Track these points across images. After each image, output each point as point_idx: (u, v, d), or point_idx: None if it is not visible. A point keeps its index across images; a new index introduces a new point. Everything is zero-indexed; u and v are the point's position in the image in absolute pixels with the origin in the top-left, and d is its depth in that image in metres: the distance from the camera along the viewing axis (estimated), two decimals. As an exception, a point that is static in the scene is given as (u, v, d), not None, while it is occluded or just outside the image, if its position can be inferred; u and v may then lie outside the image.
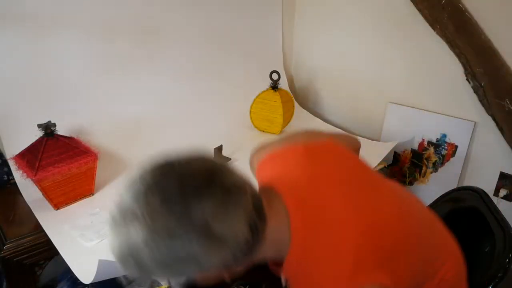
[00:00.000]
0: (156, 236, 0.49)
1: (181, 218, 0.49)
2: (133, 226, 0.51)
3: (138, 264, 0.52)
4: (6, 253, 1.08)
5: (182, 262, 0.51)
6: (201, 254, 0.50)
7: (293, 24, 2.11)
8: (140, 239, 0.50)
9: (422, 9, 1.47)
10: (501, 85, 1.35)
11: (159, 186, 0.52)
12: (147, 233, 0.49)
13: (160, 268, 0.51)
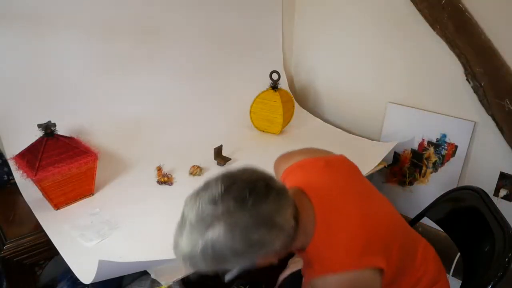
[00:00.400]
0: (234, 230, 0.63)
1: (252, 214, 0.64)
2: (212, 226, 0.63)
3: (216, 258, 0.65)
4: (6, 253, 1.08)
5: (254, 249, 0.65)
6: (268, 240, 0.66)
7: (293, 24, 2.11)
8: (221, 235, 0.63)
9: (422, 9, 1.47)
10: (501, 85, 1.35)
11: (231, 191, 0.66)
12: (226, 229, 0.63)
13: (236, 256, 0.65)
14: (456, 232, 1.15)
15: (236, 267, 0.71)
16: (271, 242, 0.66)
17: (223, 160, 1.52)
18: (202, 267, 0.68)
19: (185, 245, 0.67)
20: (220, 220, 0.64)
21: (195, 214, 0.66)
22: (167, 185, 1.37)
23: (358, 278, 0.73)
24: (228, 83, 1.92)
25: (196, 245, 0.65)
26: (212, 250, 0.64)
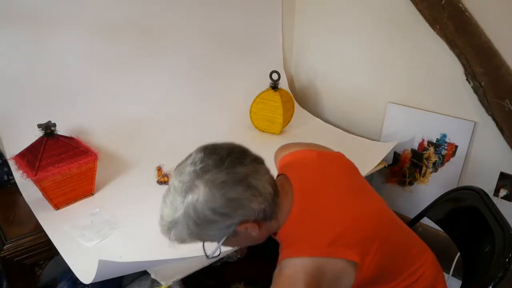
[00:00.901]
0: (212, 187, 0.68)
1: (229, 171, 0.69)
2: (193, 186, 0.69)
3: (198, 220, 0.69)
4: (6, 253, 1.07)
5: (232, 206, 0.69)
6: (246, 200, 0.70)
7: (293, 24, 2.11)
8: (200, 194, 0.68)
9: (422, 9, 1.47)
10: (501, 85, 1.35)
11: (210, 156, 0.72)
12: (205, 187, 0.68)
13: (216, 216, 0.68)
14: (456, 232, 1.15)
15: (218, 235, 0.73)
16: (248, 203, 0.70)
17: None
18: (185, 235, 0.72)
19: (168, 211, 0.72)
20: (199, 179, 0.69)
21: (178, 180, 0.72)
22: (167, 185, 1.37)
23: (325, 265, 0.73)
24: (228, 83, 1.92)
25: (179, 209, 0.70)
26: (194, 211, 0.68)
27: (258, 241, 0.82)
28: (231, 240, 0.76)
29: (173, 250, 1.03)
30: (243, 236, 0.76)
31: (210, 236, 0.74)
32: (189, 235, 0.73)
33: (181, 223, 0.71)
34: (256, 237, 0.78)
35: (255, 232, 0.75)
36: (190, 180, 0.70)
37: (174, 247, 0.76)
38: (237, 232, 0.73)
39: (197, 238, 0.75)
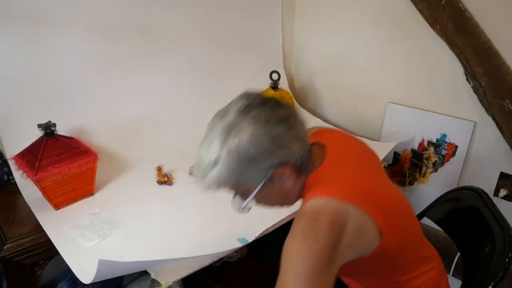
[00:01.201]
0: (257, 122, 0.69)
1: (273, 111, 0.71)
2: (238, 126, 0.70)
3: (241, 158, 0.69)
4: (6, 253, 1.07)
5: (275, 144, 0.70)
6: (288, 140, 0.71)
7: (293, 24, 2.11)
8: (245, 132, 0.69)
9: (422, 9, 1.47)
10: (501, 85, 1.35)
11: (254, 96, 0.74)
12: (250, 123, 0.69)
13: (258, 152, 0.69)
14: (456, 232, 1.15)
15: (256, 178, 0.73)
16: (290, 144, 0.72)
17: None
18: (224, 176, 0.71)
19: (207, 153, 0.71)
20: (243, 117, 0.70)
21: (220, 121, 0.72)
22: (167, 185, 1.37)
23: (351, 213, 0.69)
24: (228, 83, 1.92)
25: (221, 148, 0.69)
26: (237, 148, 0.69)
27: (289, 200, 0.81)
28: (265, 190, 0.74)
29: (173, 250, 1.03)
30: (277, 187, 0.75)
31: (248, 179, 0.73)
32: (228, 177, 0.71)
33: (222, 163, 0.70)
34: (288, 190, 0.77)
35: (289, 182, 0.75)
36: (234, 118, 0.70)
37: (207, 195, 0.76)
38: (274, 178, 0.73)
39: (235, 181, 0.73)
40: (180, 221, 1.17)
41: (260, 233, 1.08)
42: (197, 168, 0.75)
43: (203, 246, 1.04)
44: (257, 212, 1.20)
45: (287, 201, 0.82)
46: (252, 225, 1.11)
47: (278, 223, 1.15)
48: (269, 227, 1.12)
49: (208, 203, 1.27)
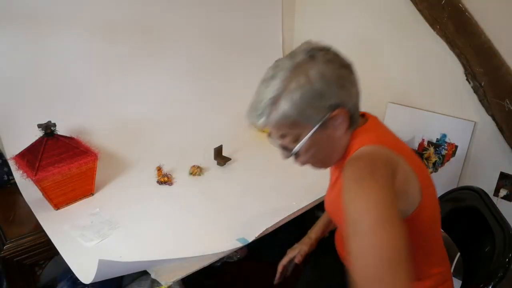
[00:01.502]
0: (324, 63, 0.74)
1: (336, 56, 0.78)
2: (306, 61, 0.74)
3: (305, 89, 0.73)
4: (6, 253, 1.07)
5: (338, 83, 0.74)
6: (349, 82, 0.76)
7: (293, 24, 2.11)
8: (312, 67, 0.73)
9: (422, 9, 1.47)
10: (501, 85, 1.35)
11: (319, 45, 0.78)
12: (317, 62, 0.74)
13: (324, 86, 0.73)
14: (456, 232, 1.15)
15: (315, 117, 0.75)
16: (350, 87, 0.76)
17: (223, 160, 1.52)
18: (287, 109, 0.74)
19: (270, 89, 0.75)
20: (310, 55, 0.74)
21: (287, 60, 0.75)
22: (167, 185, 1.37)
23: (400, 162, 0.71)
24: (228, 83, 1.92)
25: (290, 82, 0.73)
26: (303, 81, 0.72)
27: (333, 155, 0.82)
28: (318, 135, 0.76)
29: (173, 250, 1.03)
30: (329, 133, 0.77)
31: (308, 118, 0.75)
32: (290, 112, 0.74)
33: (286, 97, 0.73)
34: (337, 140, 0.79)
35: (340, 131, 0.77)
36: (302, 59, 0.74)
37: (262, 130, 0.78)
38: (328, 122, 0.76)
39: (294, 118, 0.75)
40: (180, 221, 1.17)
41: (260, 233, 1.08)
42: (255, 106, 0.78)
43: (203, 246, 1.04)
44: (257, 212, 1.20)
45: (331, 155, 0.82)
46: (252, 225, 1.11)
47: (278, 223, 1.15)
48: (269, 227, 1.12)
49: (208, 203, 1.27)
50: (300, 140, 0.77)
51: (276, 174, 1.47)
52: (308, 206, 1.25)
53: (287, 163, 1.58)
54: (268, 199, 1.28)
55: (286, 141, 0.80)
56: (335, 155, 0.82)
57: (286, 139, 0.80)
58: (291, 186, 1.37)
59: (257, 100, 0.78)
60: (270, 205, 1.25)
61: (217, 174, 1.47)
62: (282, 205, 1.24)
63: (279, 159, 1.62)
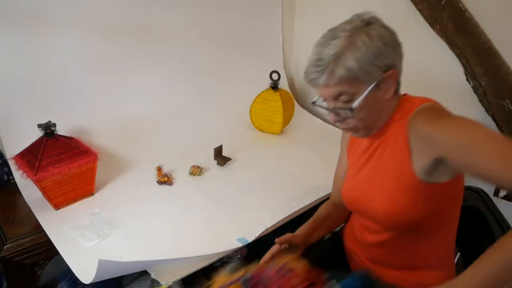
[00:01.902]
0: (381, 26, 0.84)
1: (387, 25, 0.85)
2: (364, 24, 0.83)
3: (367, 46, 0.79)
4: (6, 253, 1.08)
5: (393, 44, 0.83)
6: (399, 47, 0.85)
7: (293, 24, 2.11)
8: (372, 29, 0.82)
9: (422, 9, 1.47)
10: (501, 85, 1.35)
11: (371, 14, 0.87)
12: (375, 25, 0.84)
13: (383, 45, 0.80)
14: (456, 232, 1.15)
15: (373, 75, 0.80)
16: (401, 50, 0.85)
17: (223, 160, 1.52)
18: (350, 63, 0.78)
19: (332, 47, 0.79)
20: (369, 24, 0.83)
21: (348, 25, 0.83)
22: (167, 185, 1.37)
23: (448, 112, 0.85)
24: (228, 83, 1.92)
25: (352, 41, 0.78)
26: (366, 38, 0.79)
27: (381, 117, 0.87)
28: (371, 96, 0.81)
29: (173, 250, 1.03)
30: (380, 95, 0.83)
31: (367, 74, 0.80)
32: (353, 66, 0.78)
33: (349, 53, 0.78)
34: (386, 103, 0.85)
35: (390, 93, 0.84)
36: (360, 24, 0.82)
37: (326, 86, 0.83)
38: (381, 84, 0.81)
39: (354, 74, 0.79)
40: (180, 221, 1.17)
41: (260, 233, 1.08)
42: (316, 63, 0.82)
43: (203, 246, 1.04)
44: (257, 212, 1.20)
45: (378, 119, 0.87)
46: (252, 225, 1.11)
47: (278, 223, 1.15)
48: (269, 227, 1.12)
49: (208, 203, 1.27)
50: (356, 99, 0.81)
51: (276, 174, 1.47)
52: (308, 206, 1.25)
53: (287, 163, 1.58)
54: (268, 199, 1.28)
55: (340, 102, 0.83)
56: (381, 119, 0.87)
57: (342, 98, 0.82)
58: (291, 186, 1.37)
59: (318, 58, 0.82)
60: (270, 205, 1.25)
61: (217, 174, 1.47)
62: (282, 205, 1.24)
63: (279, 159, 1.62)
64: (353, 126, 0.87)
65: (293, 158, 1.61)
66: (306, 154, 1.65)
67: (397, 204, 0.85)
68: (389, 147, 0.87)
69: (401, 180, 0.84)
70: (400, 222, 0.85)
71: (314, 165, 1.54)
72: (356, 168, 0.97)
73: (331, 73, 0.79)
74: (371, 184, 0.91)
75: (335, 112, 0.85)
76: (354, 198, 0.97)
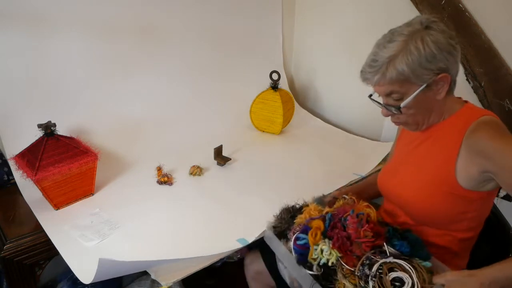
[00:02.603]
0: (437, 32, 0.83)
1: (445, 29, 0.84)
2: (420, 29, 0.83)
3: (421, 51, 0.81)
4: (6, 253, 1.07)
5: (448, 49, 0.83)
6: (455, 51, 0.84)
7: (293, 24, 2.11)
8: (427, 34, 0.82)
9: (422, 9, 1.47)
10: (501, 85, 1.35)
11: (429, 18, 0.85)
12: (431, 30, 0.83)
13: (437, 51, 0.81)
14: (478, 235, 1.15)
15: (424, 78, 0.83)
16: (457, 54, 0.85)
17: (223, 160, 1.52)
18: (400, 67, 0.82)
19: (387, 50, 0.84)
20: (426, 28, 0.83)
21: (406, 29, 0.84)
22: (167, 185, 1.37)
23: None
24: (228, 83, 1.92)
25: (407, 44, 0.82)
26: (420, 44, 0.81)
27: (431, 117, 0.91)
28: (422, 96, 0.85)
29: (173, 250, 1.03)
30: (431, 95, 0.86)
31: (418, 77, 0.83)
32: (405, 69, 0.82)
33: (401, 56, 0.82)
34: (437, 103, 0.88)
35: (441, 94, 0.86)
36: (418, 28, 0.83)
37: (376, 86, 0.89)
38: (433, 85, 0.84)
39: (406, 76, 0.83)
40: (180, 221, 1.17)
41: (260, 233, 1.08)
42: (372, 64, 0.86)
43: (203, 246, 1.04)
44: (257, 212, 1.20)
45: (428, 117, 0.91)
46: (252, 225, 1.11)
47: (278, 223, 1.15)
48: (269, 227, 1.12)
49: (208, 203, 1.27)
50: (405, 98, 0.86)
51: (276, 174, 1.47)
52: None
53: (287, 163, 1.58)
54: (268, 199, 1.28)
55: (392, 99, 0.89)
56: (431, 117, 0.92)
57: (393, 96, 0.88)
58: (291, 186, 1.37)
59: (373, 59, 0.86)
60: (270, 205, 1.25)
61: (217, 174, 1.47)
62: (282, 205, 1.23)
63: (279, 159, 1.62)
64: (403, 121, 0.94)
65: (293, 158, 1.61)
66: (306, 154, 1.65)
67: (428, 198, 0.90)
68: (437, 146, 0.92)
69: (439, 177, 0.89)
70: (427, 216, 0.91)
71: (314, 165, 1.54)
72: (398, 157, 1.05)
73: (383, 74, 0.85)
74: (408, 174, 0.97)
75: (387, 108, 0.92)
76: (389, 183, 1.04)
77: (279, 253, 0.96)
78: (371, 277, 0.79)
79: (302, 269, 0.86)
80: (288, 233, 0.97)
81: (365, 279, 0.79)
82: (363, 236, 0.85)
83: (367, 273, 0.80)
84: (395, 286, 0.78)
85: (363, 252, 0.84)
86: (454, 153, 0.87)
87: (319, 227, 0.90)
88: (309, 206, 1.01)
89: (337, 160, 1.57)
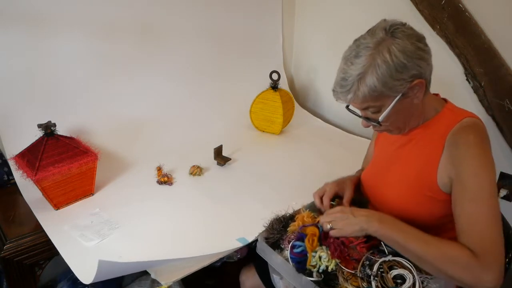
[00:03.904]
0: (403, 37, 0.80)
1: (413, 31, 0.83)
2: (386, 38, 0.80)
3: (389, 63, 0.78)
4: (6, 253, 1.07)
5: (418, 55, 0.80)
6: (426, 54, 0.82)
7: (293, 24, 2.11)
8: (394, 43, 0.79)
9: (422, 9, 1.47)
10: (501, 85, 1.35)
11: (395, 22, 0.83)
12: (397, 38, 0.79)
13: (406, 59, 0.78)
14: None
15: (398, 88, 0.80)
16: (428, 58, 0.82)
17: (223, 160, 1.52)
18: (372, 84, 0.80)
19: (355, 67, 0.81)
20: (390, 32, 0.80)
21: (368, 39, 0.82)
22: (167, 185, 1.37)
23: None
24: (228, 83, 1.92)
25: (371, 59, 0.79)
26: (387, 56, 0.78)
27: (411, 121, 0.89)
28: (398, 105, 0.83)
29: (173, 250, 1.03)
30: (408, 102, 0.84)
31: (391, 90, 0.81)
32: (376, 84, 0.80)
33: (371, 72, 0.79)
34: (415, 107, 0.86)
35: (418, 98, 0.84)
36: (383, 35, 0.80)
37: (353, 102, 0.86)
38: (408, 92, 0.82)
39: (379, 92, 0.81)
40: (180, 221, 1.17)
41: (260, 233, 1.08)
42: (342, 83, 0.85)
43: (203, 246, 1.04)
44: (257, 212, 1.20)
45: (409, 121, 0.90)
46: (252, 225, 1.11)
47: (278, 223, 1.15)
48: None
49: (208, 203, 1.27)
50: (383, 111, 0.84)
51: (276, 174, 1.47)
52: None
53: (287, 163, 1.58)
54: (268, 199, 1.28)
55: (369, 112, 0.87)
56: (412, 121, 0.90)
57: (369, 110, 0.86)
58: (291, 186, 1.37)
59: (343, 77, 0.84)
60: (270, 205, 1.25)
61: (217, 174, 1.47)
62: (282, 205, 1.23)
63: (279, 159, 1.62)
64: (384, 129, 0.92)
65: (293, 158, 1.61)
66: (306, 154, 1.65)
67: (412, 198, 0.90)
68: (420, 146, 0.91)
69: (421, 182, 0.88)
70: (411, 217, 0.89)
71: (314, 165, 1.54)
72: (382, 157, 1.03)
73: (355, 93, 0.82)
74: (395, 174, 0.96)
75: (366, 120, 0.90)
76: (372, 183, 1.03)
77: (275, 264, 0.95)
78: (373, 276, 0.79)
79: (303, 277, 0.86)
80: (282, 242, 0.97)
81: (368, 279, 0.79)
82: (355, 238, 0.85)
83: (368, 273, 0.80)
84: (397, 283, 0.78)
85: (360, 254, 0.84)
86: (438, 155, 0.85)
87: (315, 234, 0.89)
88: (302, 213, 1.00)
89: (337, 160, 1.57)
